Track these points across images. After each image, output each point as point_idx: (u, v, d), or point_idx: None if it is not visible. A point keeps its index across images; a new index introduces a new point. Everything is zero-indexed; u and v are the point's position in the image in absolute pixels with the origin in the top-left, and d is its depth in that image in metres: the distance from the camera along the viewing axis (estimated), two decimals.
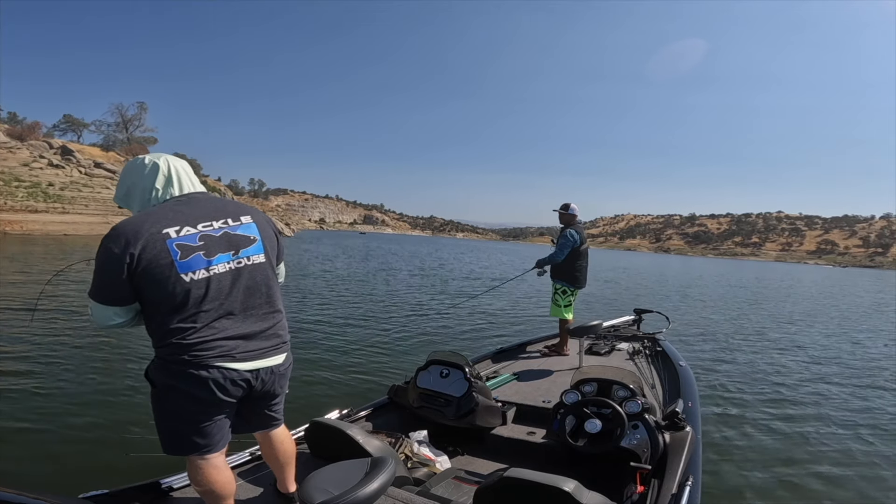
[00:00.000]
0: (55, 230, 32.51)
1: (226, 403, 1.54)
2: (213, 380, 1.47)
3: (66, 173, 42.36)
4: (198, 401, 1.50)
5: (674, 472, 2.04)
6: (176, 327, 1.45)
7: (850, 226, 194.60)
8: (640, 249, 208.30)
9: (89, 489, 1.74)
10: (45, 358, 5.48)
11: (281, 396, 1.73)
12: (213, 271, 1.49)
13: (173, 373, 1.48)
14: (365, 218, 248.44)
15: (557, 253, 4.63)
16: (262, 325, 1.59)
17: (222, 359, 1.48)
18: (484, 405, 2.81)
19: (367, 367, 5.88)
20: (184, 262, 1.45)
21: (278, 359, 1.63)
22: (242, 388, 1.54)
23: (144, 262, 1.41)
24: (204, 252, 1.49)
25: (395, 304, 11.53)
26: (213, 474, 1.57)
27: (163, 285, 1.43)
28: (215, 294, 1.49)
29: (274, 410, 1.74)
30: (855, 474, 3.82)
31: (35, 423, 3.82)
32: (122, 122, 69.59)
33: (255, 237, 1.62)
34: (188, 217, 1.51)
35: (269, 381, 1.61)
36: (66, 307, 8.50)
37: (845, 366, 7.66)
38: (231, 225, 1.58)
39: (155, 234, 1.43)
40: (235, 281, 1.54)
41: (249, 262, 1.58)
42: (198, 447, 1.54)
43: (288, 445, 1.84)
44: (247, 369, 1.53)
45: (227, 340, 1.50)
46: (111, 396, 4.44)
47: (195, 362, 1.46)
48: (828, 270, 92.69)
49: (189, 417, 1.52)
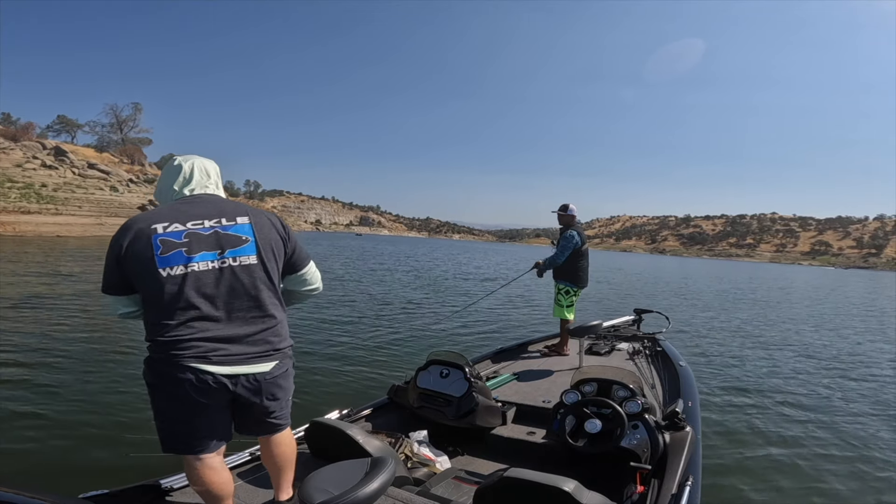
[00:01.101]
0: (48, 231, 32.26)
1: (209, 406, 1.49)
2: (188, 381, 1.43)
3: (60, 174, 42.10)
4: (179, 401, 1.47)
5: (674, 472, 2.05)
6: (156, 323, 1.47)
7: (843, 227, 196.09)
8: (636, 250, 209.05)
9: (89, 489, 1.73)
10: (44, 358, 5.48)
11: (280, 404, 1.64)
12: (192, 268, 1.46)
13: (156, 372, 1.48)
14: (361, 219, 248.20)
15: (558, 255, 4.61)
16: (247, 329, 1.51)
17: (197, 360, 1.44)
18: (484, 405, 2.81)
19: (366, 368, 5.87)
20: (163, 256, 1.45)
21: (264, 366, 1.53)
22: (221, 391, 1.47)
23: (130, 255, 1.47)
24: (185, 249, 1.47)
25: (394, 304, 11.53)
26: (209, 475, 1.54)
27: (144, 278, 1.47)
28: (193, 291, 1.45)
29: (273, 417, 1.64)
30: (855, 474, 3.83)
31: (35, 423, 3.81)
32: (116, 123, 69.43)
33: (248, 238, 1.55)
34: (183, 215, 1.53)
35: (254, 390, 1.52)
36: (65, 307, 8.48)
37: (846, 366, 7.67)
38: (224, 224, 1.55)
39: (144, 228, 1.48)
40: (218, 281, 1.49)
41: (236, 262, 1.52)
42: (189, 447, 1.52)
43: (285, 449, 1.74)
44: (223, 374, 1.46)
45: (204, 342, 1.45)
46: (111, 396, 4.43)
47: (172, 361, 1.44)
48: (828, 272, 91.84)
49: (175, 417, 1.50)
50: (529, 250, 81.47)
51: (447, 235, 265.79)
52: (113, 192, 44.73)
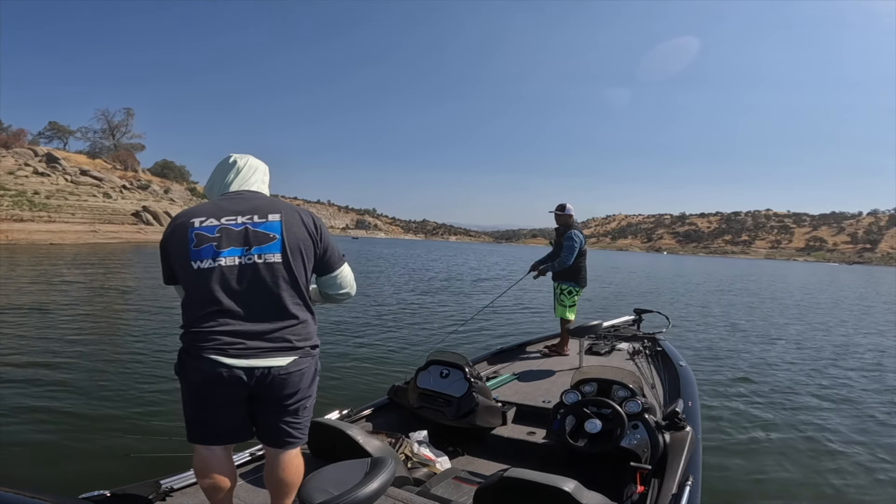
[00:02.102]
0: (41, 239, 31.92)
1: (223, 398, 1.51)
2: (204, 371, 1.47)
3: (52, 181, 41.86)
4: (195, 390, 1.52)
5: (674, 472, 2.05)
6: (186, 314, 1.54)
7: (837, 222, 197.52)
8: (632, 249, 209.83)
9: (89, 489, 1.73)
10: (44, 358, 5.49)
11: (295, 407, 1.59)
12: (220, 263, 1.51)
13: (181, 361, 1.55)
14: (357, 222, 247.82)
15: (567, 257, 4.54)
16: (267, 326, 1.52)
17: (215, 352, 1.47)
18: (484, 405, 2.81)
19: (366, 368, 5.86)
20: (196, 250, 1.51)
21: (279, 360, 1.52)
22: (236, 384, 1.49)
23: (171, 247, 1.56)
24: (216, 243, 1.52)
25: (394, 304, 11.55)
26: (215, 467, 1.56)
27: (179, 270, 1.56)
28: (219, 285, 1.50)
29: (288, 425, 1.60)
30: (856, 474, 3.80)
31: (35, 423, 3.82)
32: (108, 129, 68.95)
33: (275, 235, 1.55)
34: (220, 210, 1.58)
35: (268, 384, 1.51)
36: (66, 309, 8.47)
37: (847, 366, 7.63)
38: (255, 221, 1.56)
39: (184, 222, 1.55)
40: (242, 276, 1.52)
41: (261, 259, 1.53)
42: (201, 437, 1.56)
43: (290, 476, 1.64)
44: (239, 366, 1.47)
45: (224, 335, 1.48)
46: (111, 397, 4.44)
47: (192, 352, 1.49)
48: (834, 268, 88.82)
49: (192, 405, 1.55)
50: (526, 251, 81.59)
51: (444, 237, 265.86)
52: (106, 198, 44.49)
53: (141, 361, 5.65)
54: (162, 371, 5.24)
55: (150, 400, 4.30)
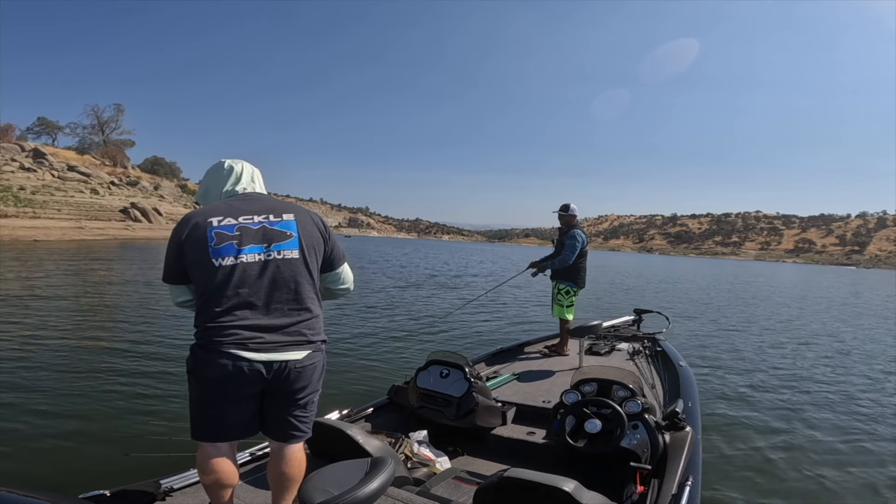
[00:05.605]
0: (25, 235, 31.25)
1: (241, 393, 1.55)
2: (224, 366, 1.49)
3: (38, 177, 41.34)
4: (213, 385, 1.53)
5: (674, 472, 2.05)
6: (204, 310, 1.56)
7: (826, 224, 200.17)
8: (624, 249, 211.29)
9: (89, 489, 1.73)
10: (44, 358, 5.45)
11: (305, 401, 1.65)
12: (242, 260, 1.56)
13: (196, 357, 1.56)
14: (350, 221, 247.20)
15: (568, 255, 4.55)
16: (284, 320, 1.58)
17: (236, 346, 1.50)
18: (484, 405, 2.81)
19: (366, 368, 5.84)
20: (217, 247, 1.56)
21: (296, 354, 1.58)
22: (255, 379, 1.53)
23: (188, 245, 1.58)
24: (237, 241, 1.58)
25: (393, 304, 11.52)
26: (220, 463, 1.57)
27: (198, 267, 1.57)
28: (239, 282, 1.54)
29: (296, 418, 1.65)
30: (856, 475, 3.81)
31: (35, 423, 3.79)
32: (98, 125, 68.11)
33: (292, 233, 1.64)
34: (235, 210, 1.64)
35: (284, 377, 1.57)
36: (66, 307, 8.39)
37: (847, 366, 7.68)
38: (271, 220, 1.64)
39: (201, 222, 1.59)
40: (262, 272, 1.57)
41: (280, 256, 1.60)
42: (214, 434, 1.58)
43: (293, 470, 1.68)
44: (259, 360, 1.52)
45: (244, 330, 1.52)
46: (112, 397, 4.40)
47: (212, 347, 1.51)
48: (842, 271, 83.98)
49: (208, 402, 1.56)
50: (519, 250, 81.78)
51: (437, 236, 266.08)
52: (94, 194, 43.98)
53: (141, 361, 5.60)
54: (162, 370, 5.19)
55: (150, 400, 4.27)
